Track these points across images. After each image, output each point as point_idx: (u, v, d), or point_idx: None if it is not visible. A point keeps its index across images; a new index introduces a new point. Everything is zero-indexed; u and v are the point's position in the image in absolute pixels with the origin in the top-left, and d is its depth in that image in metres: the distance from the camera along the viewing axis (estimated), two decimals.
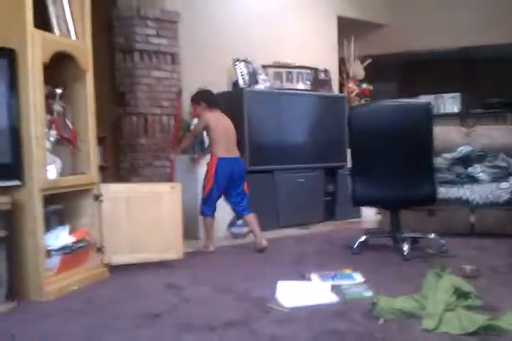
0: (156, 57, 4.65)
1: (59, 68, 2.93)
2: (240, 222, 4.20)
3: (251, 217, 3.78)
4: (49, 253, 2.68)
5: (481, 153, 4.36)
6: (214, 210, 3.77)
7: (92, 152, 3.03)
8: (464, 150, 4.38)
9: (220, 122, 3.78)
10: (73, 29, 2.96)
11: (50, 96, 2.87)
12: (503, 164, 4.27)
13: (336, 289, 2.59)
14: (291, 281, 2.70)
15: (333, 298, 2.46)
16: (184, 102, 4.72)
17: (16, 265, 2.52)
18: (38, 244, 2.57)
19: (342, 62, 6.12)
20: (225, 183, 3.70)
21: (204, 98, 3.86)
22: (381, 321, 2.14)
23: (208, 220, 3.79)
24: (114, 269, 3.07)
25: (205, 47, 4.91)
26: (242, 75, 4.73)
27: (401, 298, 2.28)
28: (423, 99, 5.78)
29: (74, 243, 2.83)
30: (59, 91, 2.94)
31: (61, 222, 2.97)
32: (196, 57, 4.86)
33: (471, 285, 2.37)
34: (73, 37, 2.96)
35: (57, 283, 2.67)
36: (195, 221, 4.18)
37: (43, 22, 2.73)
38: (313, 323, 2.16)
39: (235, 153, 3.80)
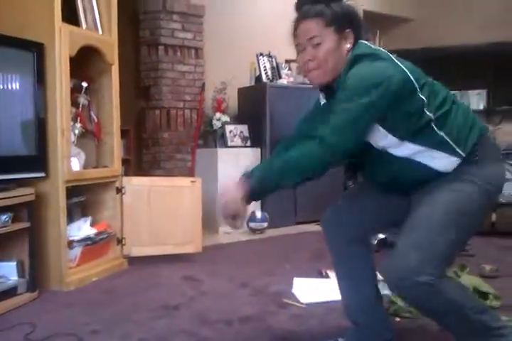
0: (180, 51, 4.68)
1: (85, 61, 2.97)
2: (258, 217, 4.23)
3: None
4: (71, 244, 2.73)
5: (506, 151, 4.29)
6: None
7: (115, 145, 3.07)
8: None
9: None
10: (100, 23, 3.00)
11: (75, 90, 2.91)
12: None
13: None
14: (308, 278, 2.71)
15: None
16: (207, 96, 4.75)
17: (38, 255, 2.57)
18: (61, 235, 2.62)
19: None
20: None
21: None
22: (397, 319, 2.14)
23: None
24: (134, 261, 3.13)
25: (228, 41, 4.91)
26: (264, 70, 4.73)
27: None
28: None
29: (95, 235, 2.88)
30: (85, 84, 2.98)
31: (83, 214, 3.03)
32: (220, 52, 4.87)
33: (491, 285, 2.34)
34: (100, 31, 2.99)
35: (78, 274, 2.73)
36: (214, 215, 4.21)
37: (70, 15, 2.76)
38: (329, 319, 2.17)
39: None
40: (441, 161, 1.51)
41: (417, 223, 1.49)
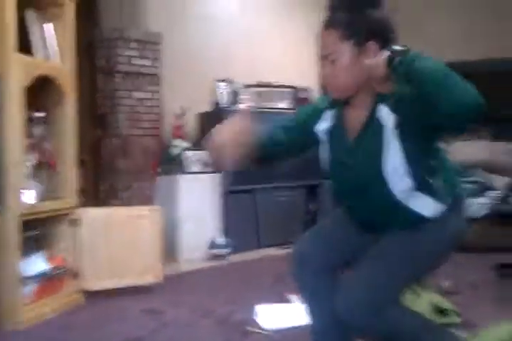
0: (137, 79, 4.67)
1: (40, 91, 2.91)
2: (220, 243, 4.19)
3: None
4: (25, 281, 2.63)
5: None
6: None
7: (71, 176, 3.00)
8: None
9: None
10: (55, 52, 2.94)
11: (30, 120, 2.84)
12: (480, 179, 4.34)
13: None
14: (271, 304, 2.70)
15: None
16: (165, 123, 4.73)
17: None
18: (14, 271, 2.53)
19: None
20: None
21: None
22: None
23: None
24: (92, 294, 3.02)
25: (187, 67, 4.92)
26: (223, 95, 4.76)
27: None
28: None
29: (51, 270, 2.79)
30: (40, 115, 2.91)
31: (38, 248, 2.92)
32: (178, 78, 4.87)
33: (450, 301, 2.39)
34: (55, 60, 2.93)
35: (33, 311, 2.63)
36: (174, 243, 4.16)
37: (24, 44, 2.71)
38: None
39: None
40: (425, 207, 1.52)
41: (374, 259, 1.51)
